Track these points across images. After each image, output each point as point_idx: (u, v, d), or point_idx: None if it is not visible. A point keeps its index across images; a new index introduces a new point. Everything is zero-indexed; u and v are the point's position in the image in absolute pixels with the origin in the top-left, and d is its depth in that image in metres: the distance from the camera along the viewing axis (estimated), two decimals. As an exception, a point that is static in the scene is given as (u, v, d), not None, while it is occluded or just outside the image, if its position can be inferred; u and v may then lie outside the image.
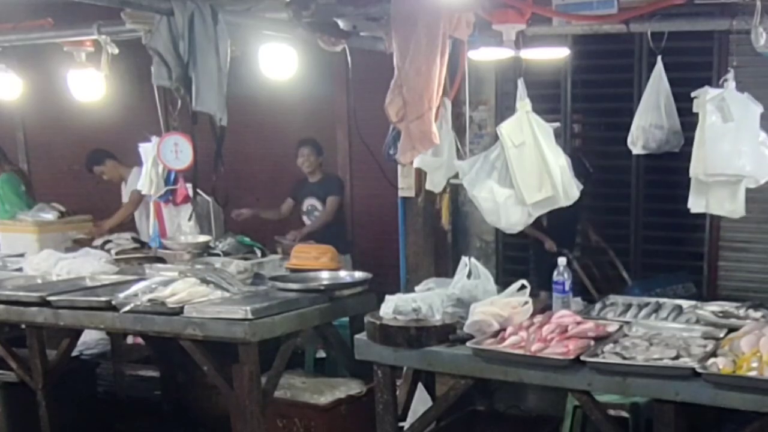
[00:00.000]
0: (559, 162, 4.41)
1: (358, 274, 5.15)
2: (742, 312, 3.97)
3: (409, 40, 4.41)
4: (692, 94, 4.20)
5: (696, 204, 4.34)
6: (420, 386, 4.39)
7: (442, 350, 3.82)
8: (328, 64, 7.06)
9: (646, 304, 4.30)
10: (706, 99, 4.14)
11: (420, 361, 3.91)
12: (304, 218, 7.24)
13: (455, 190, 6.09)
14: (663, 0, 4.55)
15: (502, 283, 4.30)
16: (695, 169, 4.22)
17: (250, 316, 4.29)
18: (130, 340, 6.42)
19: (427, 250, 6.37)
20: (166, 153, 5.86)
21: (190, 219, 6.15)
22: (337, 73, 7.50)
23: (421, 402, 4.36)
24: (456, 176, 4.77)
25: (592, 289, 6.44)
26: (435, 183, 5.15)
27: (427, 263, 6.36)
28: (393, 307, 3.99)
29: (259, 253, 5.84)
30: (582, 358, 3.47)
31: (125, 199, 7.38)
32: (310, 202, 7.22)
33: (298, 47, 5.13)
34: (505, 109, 7.01)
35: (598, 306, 4.38)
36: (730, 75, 4.18)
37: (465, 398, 4.22)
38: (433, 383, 4.58)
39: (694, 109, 4.20)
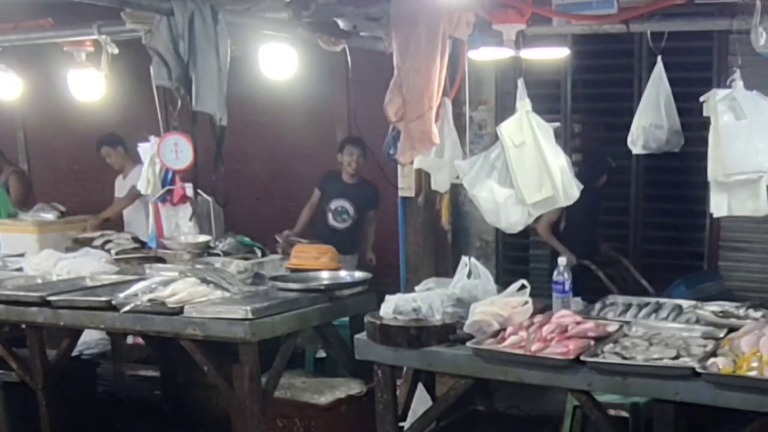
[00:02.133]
0: (559, 162, 4.41)
1: (358, 274, 5.15)
2: (742, 312, 3.96)
3: (409, 40, 4.41)
4: (701, 98, 4.16)
5: (718, 207, 4.25)
6: (420, 386, 4.39)
7: (442, 350, 3.82)
8: (328, 64, 7.07)
9: (646, 304, 4.30)
10: (716, 100, 4.09)
11: (420, 361, 3.91)
12: (329, 216, 7.03)
13: (455, 190, 6.09)
14: (663, 0, 4.56)
15: (502, 283, 4.29)
16: (714, 172, 4.14)
17: (250, 316, 4.28)
18: (130, 340, 6.42)
19: (427, 250, 6.36)
20: (166, 153, 5.85)
21: (191, 219, 6.15)
22: (337, 73, 7.51)
23: (421, 402, 4.36)
24: (457, 176, 4.77)
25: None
26: (440, 183, 5.16)
27: (427, 263, 6.34)
28: (393, 307, 3.99)
29: (259, 253, 5.83)
30: (582, 358, 3.46)
31: (117, 193, 7.41)
32: (340, 203, 6.99)
33: (298, 47, 5.14)
34: (505, 109, 7.01)
35: (598, 306, 4.37)
36: (737, 74, 4.15)
37: (465, 398, 4.22)
38: (433, 383, 4.57)
39: (705, 113, 4.15)
